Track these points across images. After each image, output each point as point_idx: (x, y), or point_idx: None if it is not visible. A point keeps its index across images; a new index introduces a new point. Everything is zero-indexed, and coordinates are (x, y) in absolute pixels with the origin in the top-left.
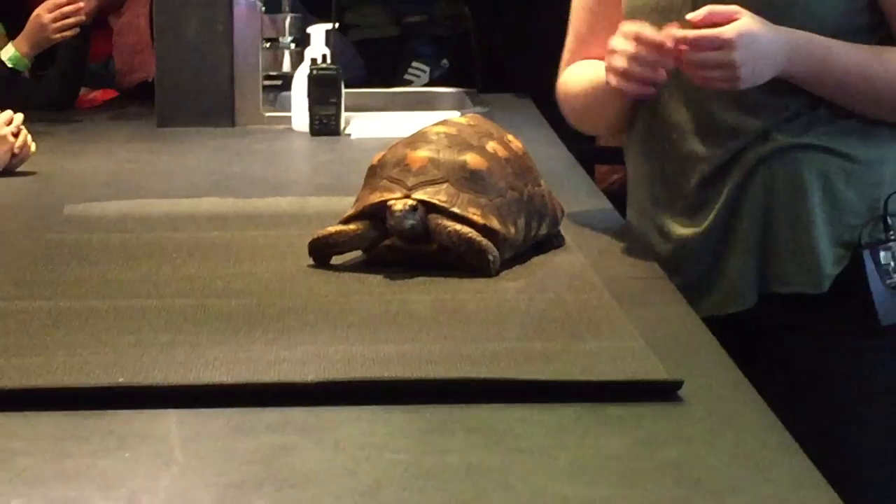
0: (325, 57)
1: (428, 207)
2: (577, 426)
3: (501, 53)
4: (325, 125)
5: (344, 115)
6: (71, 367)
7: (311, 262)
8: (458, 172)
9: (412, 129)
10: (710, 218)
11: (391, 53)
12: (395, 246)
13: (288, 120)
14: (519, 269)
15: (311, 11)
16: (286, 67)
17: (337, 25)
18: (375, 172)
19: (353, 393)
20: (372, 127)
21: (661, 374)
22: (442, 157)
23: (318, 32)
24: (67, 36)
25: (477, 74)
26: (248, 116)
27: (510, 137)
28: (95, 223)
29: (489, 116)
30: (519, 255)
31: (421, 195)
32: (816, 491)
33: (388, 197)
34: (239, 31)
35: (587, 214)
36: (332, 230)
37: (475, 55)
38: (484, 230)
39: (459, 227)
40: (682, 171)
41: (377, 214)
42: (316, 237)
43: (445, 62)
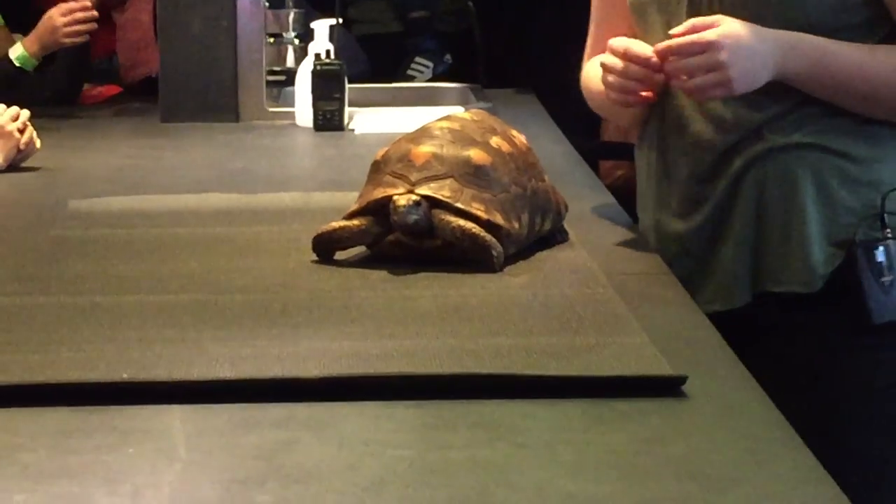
0: (328, 52)
1: (432, 203)
2: (580, 422)
3: (505, 49)
4: (328, 120)
5: (347, 110)
6: (75, 362)
7: (314, 257)
8: (461, 168)
9: (416, 124)
10: (703, 214)
11: (395, 49)
12: (398, 241)
13: (291, 115)
14: (523, 264)
15: (314, 7)
16: (290, 63)
17: (340, 21)
18: (379, 168)
19: (356, 388)
20: (375, 122)
21: (665, 369)
22: (446, 152)
23: (321, 28)
24: (77, 42)
25: (480, 70)
26: (251, 112)
27: (514, 133)
28: (99, 219)
29: (493, 112)
30: (523, 250)
31: (425, 190)
32: (820, 486)
33: (391, 192)
34: (242, 26)
35: (591, 210)
36: (335, 226)
37: (478, 51)
38: (488, 226)
39: (463, 222)
40: (678, 164)
41: (381, 210)
42: (319, 233)
43: (449, 58)
